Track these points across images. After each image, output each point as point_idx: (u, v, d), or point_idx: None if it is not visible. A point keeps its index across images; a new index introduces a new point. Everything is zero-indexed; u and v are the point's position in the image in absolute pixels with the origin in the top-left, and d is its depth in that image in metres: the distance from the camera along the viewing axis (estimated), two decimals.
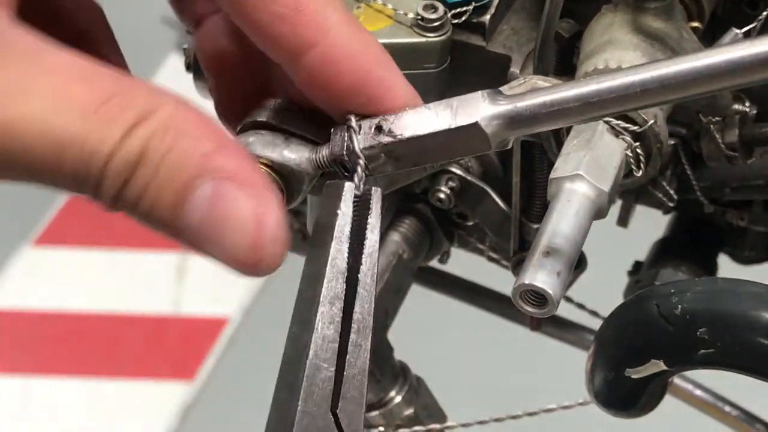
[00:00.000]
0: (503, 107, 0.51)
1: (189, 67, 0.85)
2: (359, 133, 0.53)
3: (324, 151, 0.54)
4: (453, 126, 0.51)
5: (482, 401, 2.01)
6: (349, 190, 0.51)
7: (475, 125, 0.51)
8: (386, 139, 0.53)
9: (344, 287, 0.50)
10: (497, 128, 0.51)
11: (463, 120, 0.51)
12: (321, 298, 0.49)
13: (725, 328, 0.58)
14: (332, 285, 0.50)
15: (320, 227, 0.52)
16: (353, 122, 0.53)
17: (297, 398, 0.48)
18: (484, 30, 0.77)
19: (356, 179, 0.52)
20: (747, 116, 0.74)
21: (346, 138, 0.53)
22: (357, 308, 0.50)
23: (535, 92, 0.51)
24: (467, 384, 2.04)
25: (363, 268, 0.51)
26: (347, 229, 0.51)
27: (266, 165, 0.55)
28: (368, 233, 0.51)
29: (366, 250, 0.51)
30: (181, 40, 2.75)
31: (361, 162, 0.53)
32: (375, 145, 0.53)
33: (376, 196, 0.52)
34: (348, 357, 0.50)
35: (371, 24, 0.73)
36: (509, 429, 0.91)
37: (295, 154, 0.55)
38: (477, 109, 0.51)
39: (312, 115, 0.56)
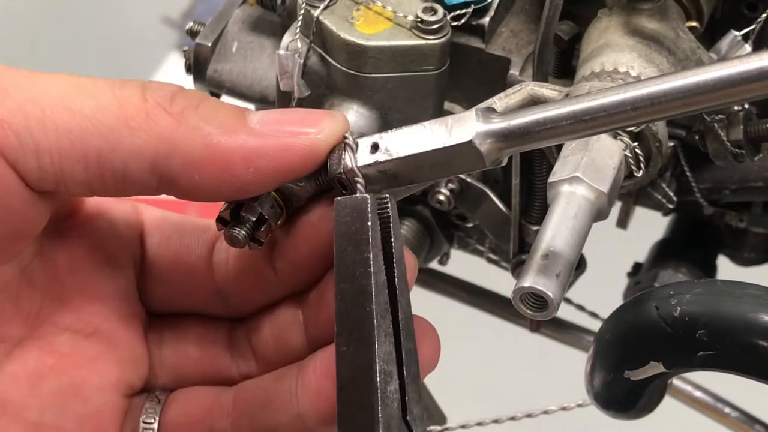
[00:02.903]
0: (497, 125, 0.51)
1: (189, 68, 0.85)
2: (356, 152, 0.53)
3: (323, 169, 0.54)
4: (447, 144, 0.52)
5: (481, 403, 2.01)
6: (372, 204, 0.52)
7: (470, 143, 0.51)
8: (383, 157, 0.53)
9: (388, 300, 0.51)
10: (491, 146, 0.51)
11: (458, 138, 0.52)
12: (374, 316, 0.50)
13: (724, 330, 0.58)
14: (380, 300, 0.51)
15: (345, 243, 0.52)
16: (350, 140, 0.54)
17: (374, 415, 0.49)
18: (483, 32, 0.77)
19: (357, 195, 0.53)
20: (751, 113, 0.74)
21: (344, 156, 0.54)
22: (400, 315, 0.52)
23: (528, 110, 0.51)
24: (466, 385, 2.04)
25: (396, 275, 0.52)
26: (378, 242, 0.52)
27: None
28: (393, 241, 0.52)
29: (395, 258, 0.52)
30: (181, 40, 2.75)
31: (360, 180, 0.53)
32: (372, 163, 0.53)
33: (392, 203, 0.53)
34: (405, 363, 0.51)
35: (371, 26, 0.73)
36: (508, 430, 0.91)
37: None
38: (471, 127, 0.51)
39: None
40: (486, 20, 0.76)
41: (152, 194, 0.53)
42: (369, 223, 0.51)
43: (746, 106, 0.74)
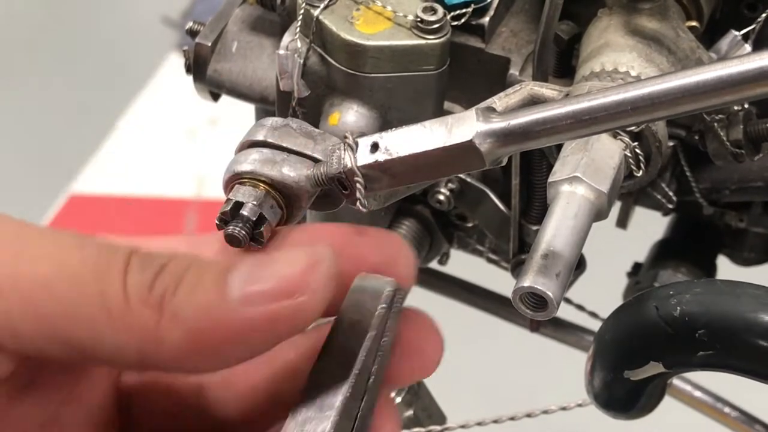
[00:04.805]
0: (497, 125, 0.51)
1: (189, 68, 0.85)
2: (356, 151, 0.53)
3: (322, 169, 0.54)
4: (447, 144, 0.52)
5: (481, 403, 2.01)
6: (391, 297, 0.52)
7: (470, 143, 0.51)
8: (382, 157, 0.53)
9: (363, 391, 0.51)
10: (491, 146, 0.51)
11: (458, 138, 0.52)
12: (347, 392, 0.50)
13: (724, 329, 0.58)
14: (355, 388, 0.51)
15: (349, 322, 0.52)
16: (350, 140, 0.54)
17: None
18: (483, 32, 0.77)
19: (357, 195, 0.53)
20: (751, 113, 0.74)
21: (343, 156, 0.53)
22: (362, 405, 0.51)
23: (528, 110, 0.51)
24: (466, 385, 2.04)
25: (375, 368, 0.52)
26: (381, 329, 0.52)
27: (266, 183, 0.55)
28: (387, 333, 0.52)
29: (382, 349, 0.52)
30: (181, 40, 2.75)
31: (360, 180, 0.53)
32: (372, 163, 0.53)
33: (404, 297, 0.53)
34: None
35: (371, 26, 0.73)
36: (508, 430, 0.91)
37: (294, 172, 0.55)
38: (471, 127, 0.51)
39: (311, 133, 0.56)
40: (486, 20, 0.76)
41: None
42: (379, 315, 0.52)
43: (746, 105, 0.74)
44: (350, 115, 0.74)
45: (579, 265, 0.81)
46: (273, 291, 0.48)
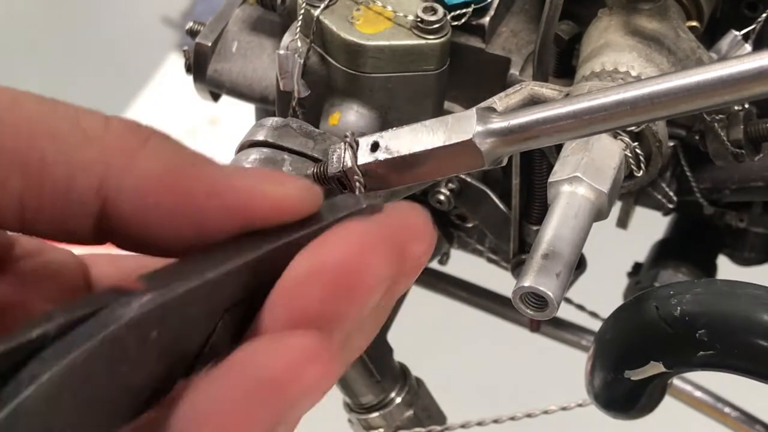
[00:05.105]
0: (497, 125, 0.51)
1: (189, 68, 0.86)
2: (356, 150, 0.53)
3: (322, 168, 0.54)
4: (448, 143, 0.52)
5: (481, 403, 2.01)
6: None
7: (470, 143, 0.51)
8: (383, 156, 0.53)
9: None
10: (491, 146, 0.51)
11: (458, 138, 0.52)
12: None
13: (724, 329, 0.58)
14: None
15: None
16: (351, 139, 0.54)
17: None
18: (483, 32, 0.77)
19: (357, 195, 0.53)
20: (751, 113, 0.74)
21: (343, 155, 0.54)
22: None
23: (528, 109, 0.51)
24: (466, 385, 2.04)
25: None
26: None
27: None
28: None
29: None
30: (181, 40, 2.75)
31: (359, 179, 0.53)
32: (372, 162, 0.53)
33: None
34: None
35: (371, 26, 0.73)
36: (508, 430, 0.91)
37: (294, 172, 0.55)
38: (471, 126, 0.51)
39: (311, 133, 0.56)
40: (486, 20, 0.76)
41: (90, 229, 0.42)
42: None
43: (746, 105, 0.74)
44: (350, 115, 0.74)
45: (579, 265, 0.81)
46: (262, 172, 0.44)
